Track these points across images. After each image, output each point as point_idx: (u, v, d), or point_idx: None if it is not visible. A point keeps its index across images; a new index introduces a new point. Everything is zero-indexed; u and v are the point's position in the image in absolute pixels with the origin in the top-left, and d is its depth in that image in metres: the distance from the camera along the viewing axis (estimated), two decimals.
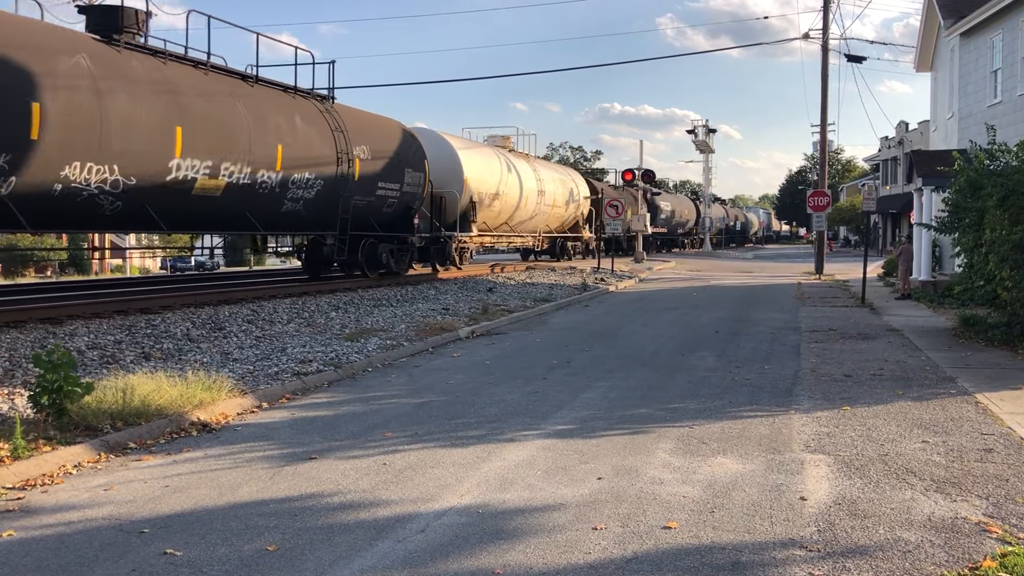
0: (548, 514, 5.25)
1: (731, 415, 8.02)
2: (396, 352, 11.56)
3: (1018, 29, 20.02)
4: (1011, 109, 20.07)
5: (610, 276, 28.35)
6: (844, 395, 8.92)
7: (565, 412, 8.15)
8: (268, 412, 8.15)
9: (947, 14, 23.76)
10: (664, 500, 5.51)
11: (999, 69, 21.07)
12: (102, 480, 5.94)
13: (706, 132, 66.24)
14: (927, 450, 6.73)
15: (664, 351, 12.26)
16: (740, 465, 6.32)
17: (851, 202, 65.11)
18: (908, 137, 54.07)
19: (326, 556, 4.61)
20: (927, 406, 8.37)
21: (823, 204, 28.78)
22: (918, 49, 28.86)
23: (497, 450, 6.74)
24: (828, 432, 7.32)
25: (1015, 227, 11.98)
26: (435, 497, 5.58)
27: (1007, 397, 8.77)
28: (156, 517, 5.21)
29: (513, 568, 4.44)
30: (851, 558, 4.56)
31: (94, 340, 11.20)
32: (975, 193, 13.32)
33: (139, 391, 7.45)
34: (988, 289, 13.18)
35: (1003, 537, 4.86)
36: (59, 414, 6.83)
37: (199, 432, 7.28)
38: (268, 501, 5.53)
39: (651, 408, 8.37)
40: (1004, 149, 13.65)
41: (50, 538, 4.86)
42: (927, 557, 4.58)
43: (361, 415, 8.05)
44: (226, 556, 4.61)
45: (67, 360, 6.83)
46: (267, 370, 9.81)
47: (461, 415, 8.02)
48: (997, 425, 7.58)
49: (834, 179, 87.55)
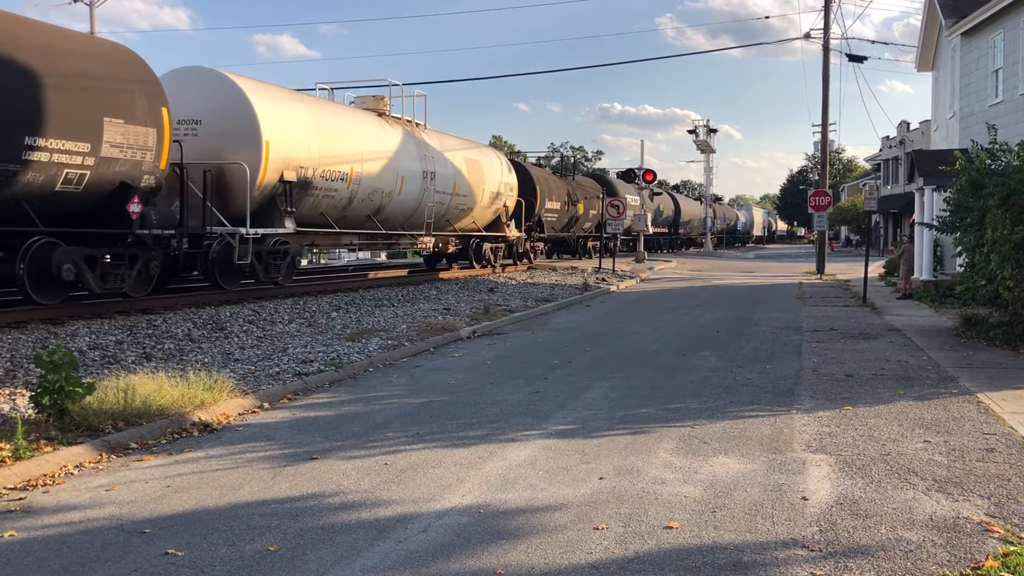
0: (550, 514, 5.25)
1: (733, 415, 8.02)
2: (397, 352, 11.55)
3: (1019, 29, 20.00)
4: (1012, 108, 20.06)
5: (611, 276, 28.35)
6: (846, 395, 8.92)
7: (567, 412, 8.15)
8: (269, 412, 8.15)
9: (948, 14, 23.75)
10: (666, 500, 5.51)
11: (1000, 68, 21.06)
12: (103, 480, 5.94)
13: (707, 132, 66.29)
14: (929, 450, 6.73)
15: (666, 351, 12.25)
16: (742, 465, 6.31)
17: (852, 202, 65.09)
18: (909, 137, 54.05)
19: (328, 556, 4.61)
20: (929, 406, 8.36)
21: (824, 204, 28.77)
22: (919, 49, 28.86)
23: (498, 450, 6.74)
24: (830, 432, 7.31)
25: (1016, 227, 11.97)
26: (436, 497, 5.58)
27: (1009, 397, 8.76)
28: (158, 517, 5.20)
29: (515, 568, 4.43)
30: (853, 558, 4.55)
31: (95, 340, 11.20)
32: (976, 193, 13.30)
33: (140, 391, 7.45)
34: (990, 289, 13.17)
35: (1005, 537, 4.85)
36: (60, 414, 6.83)
37: (200, 432, 7.28)
38: (269, 501, 5.53)
39: (653, 408, 8.37)
40: (1005, 148, 13.64)
41: (52, 538, 4.86)
42: (929, 557, 4.57)
43: (362, 415, 8.04)
44: (228, 556, 4.61)
45: (68, 360, 6.82)
46: (268, 370, 9.81)
47: (462, 415, 8.02)
48: (999, 425, 7.58)
49: (835, 179, 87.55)
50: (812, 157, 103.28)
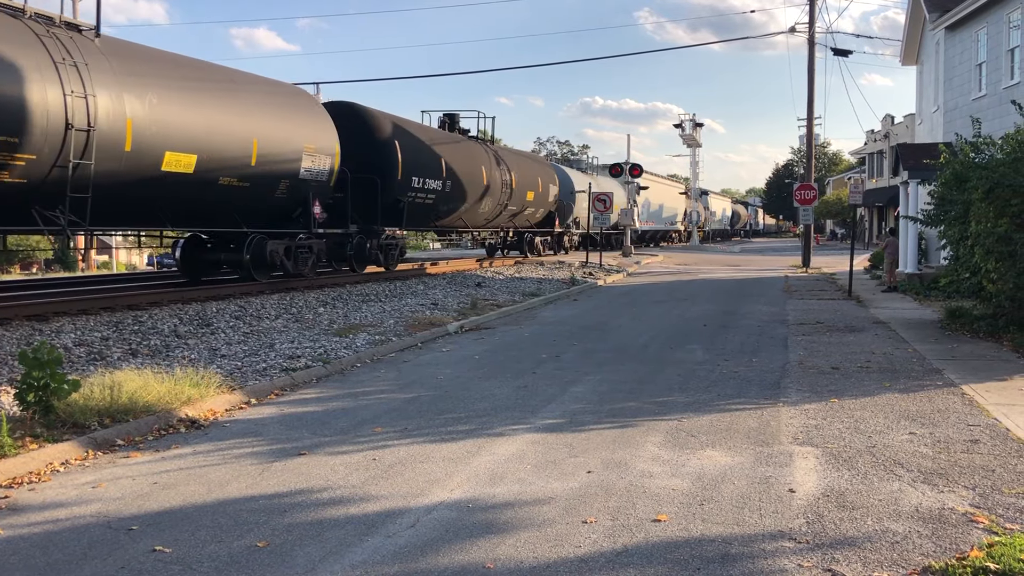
0: (538, 508, 5.26)
1: (720, 408, 8.05)
2: (385, 347, 11.53)
3: (1003, 23, 20.12)
4: (996, 102, 20.18)
5: (598, 270, 28.38)
6: (832, 387, 8.97)
7: (555, 406, 8.16)
8: (257, 408, 8.12)
9: (932, 8, 23.87)
10: (654, 493, 5.53)
11: (984, 62, 21.19)
12: (90, 477, 5.91)
13: (693, 126, 66.28)
14: (914, 442, 6.78)
15: (653, 344, 12.28)
16: (729, 458, 6.34)
17: (837, 195, 65.37)
18: (894, 130, 54.29)
19: (316, 552, 4.60)
20: (914, 398, 8.42)
21: (810, 197, 28.90)
22: (903, 43, 28.98)
23: (487, 444, 6.74)
24: (816, 424, 7.35)
25: (1000, 219, 12.05)
26: (425, 492, 5.58)
27: (993, 388, 8.83)
28: (145, 514, 5.18)
29: (504, 562, 4.44)
30: (840, 549, 4.58)
31: (81, 337, 11.13)
32: (961, 186, 13.39)
33: (127, 388, 7.41)
34: (974, 281, 13.27)
35: (990, 527, 4.89)
36: (46, 411, 6.78)
37: (187, 429, 7.24)
38: (257, 497, 5.51)
39: (640, 401, 8.39)
40: (989, 142, 13.73)
41: (38, 536, 4.83)
42: (915, 548, 4.61)
43: (350, 410, 8.03)
44: (215, 553, 4.59)
45: (54, 357, 6.78)
46: (255, 366, 9.77)
47: (450, 410, 8.02)
48: (983, 416, 7.64)
49: (821, 172, 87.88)
50: (797, 151, 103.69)
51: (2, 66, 11.36)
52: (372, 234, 21.69)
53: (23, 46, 11.80)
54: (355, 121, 21.22)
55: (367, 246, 21.40)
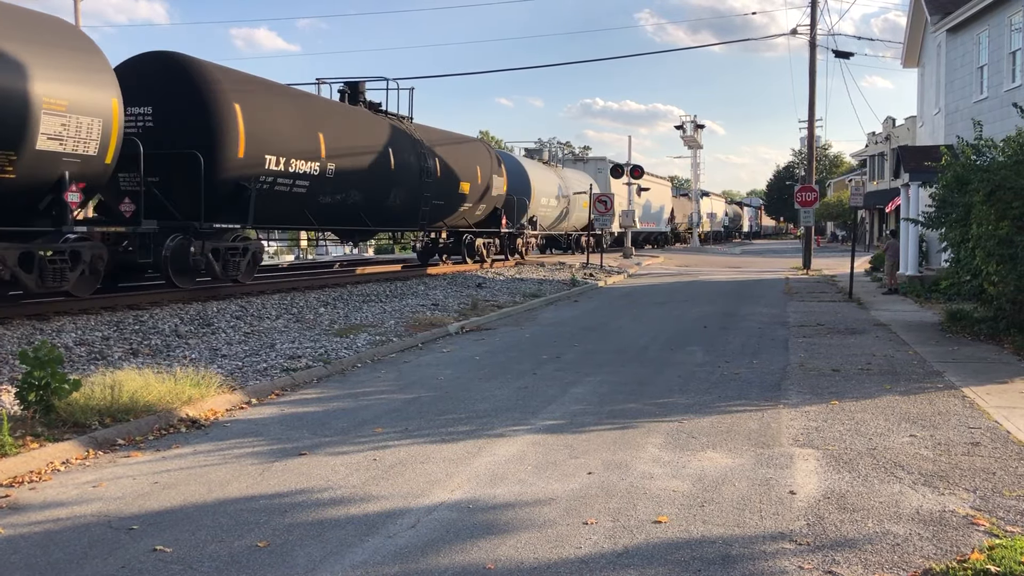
0: (539, 509, 5.26)
1: (720, 409, 8.05)
2: (385, 348, 11.53)
3: (1004, 25, 20.12)
4: (997, 105, 20.18)
5: (599, 271, 28.39)
6: (832, 389, 8.97)
7: (555, 407, 8.16)
8: (257, 408, 8.12)
9: (934, 10, 23.87)
10: (654, 494, 5.52)
11: (985, 65, 21.18)
12: (91, 477, 5.91)
13: (694, 128, 66.25)
14: (915, 444, 6.77)
15: (653, 346, 12.28)
16: (729, 459, 6.34)
17: (838, 197, 65.35)
18: (895, 133, 54.29)
19: (317, 552, 4.60)
20: (915, 400, 8.42)
21: (811, 199, 28.90)
22: (905, 45, 28.99)
23: (487, 445, 6.74)
24: (817, 426, 7.35)
25: (1001, 222, 12.04)
26: (425, 492, 5.58)
27: (993, 391, 8.83)
28: (145, 514, 5.18)
29: (504, 563, 4.44)
30: (840, 551, 4.58)
31: (82, 336, 11.14)
32: (962, 188, 13.38)
33: (127, 387, 7.41)
34: (975, 284, 13.26)
35: (991, 530, 4.89)
36: (47, 411, 6.78)
37: (188, 428, 7.24)
38: (258, 497, 5.51)
39: (641, 403, 8.39)
40: (990, 144, 13.72)
41: (38, 535, 4.83)
42: (915, 550, 4.61)
43: (351, 411, 8.03)
44: (216, 553, 4.59)
45: (54, 357, 6.78)
46: (256, 366, 9.77)
47: (451, 411, 8.02)
48: (984, 419, 7.64)
49: (822, 174, 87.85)
50: (798, 153, 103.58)
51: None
52: (202, 234, 15.29)
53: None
54: (172, 76, 15.19)
55: (191, 250, 14.91)
